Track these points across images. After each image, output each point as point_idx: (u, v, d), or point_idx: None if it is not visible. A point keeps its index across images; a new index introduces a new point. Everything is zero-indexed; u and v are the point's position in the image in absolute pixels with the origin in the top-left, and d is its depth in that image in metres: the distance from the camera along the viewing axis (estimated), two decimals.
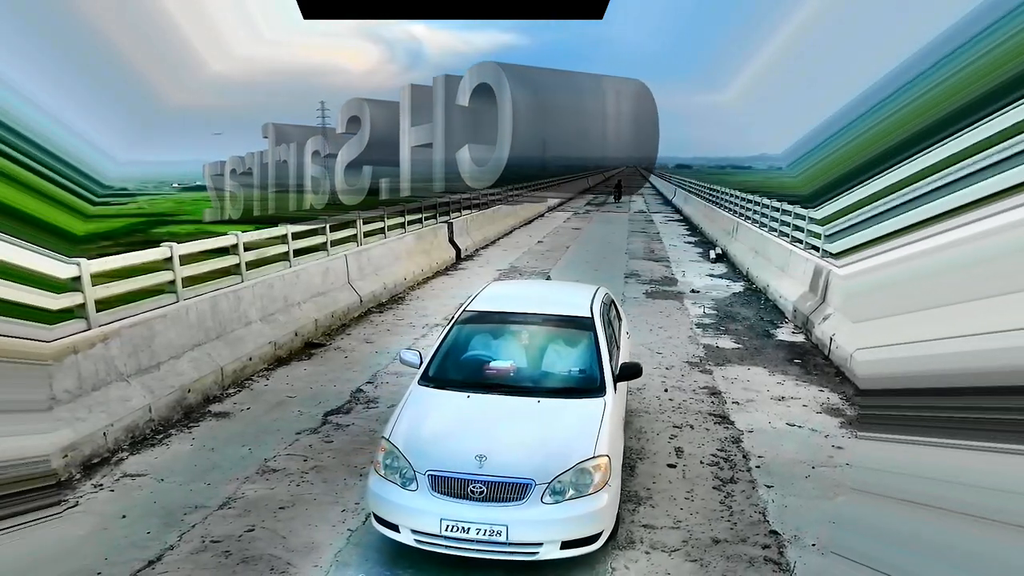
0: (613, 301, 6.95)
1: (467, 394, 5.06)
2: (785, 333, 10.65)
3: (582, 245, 22.35)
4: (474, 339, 5.74)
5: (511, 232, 26.73)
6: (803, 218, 12.74)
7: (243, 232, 9.50)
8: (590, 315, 5.77)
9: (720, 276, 16.05)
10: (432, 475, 4.37)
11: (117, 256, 7.31)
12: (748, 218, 18.45)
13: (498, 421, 4.77)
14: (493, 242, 23.44)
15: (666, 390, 7.98)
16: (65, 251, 6.12)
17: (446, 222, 19.42)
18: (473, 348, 5.68)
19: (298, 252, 10.90)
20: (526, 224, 30.18)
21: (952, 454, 2.64)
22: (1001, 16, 2.39)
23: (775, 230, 15.02)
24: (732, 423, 6.99)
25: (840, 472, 5.85)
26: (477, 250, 21.04)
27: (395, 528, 4.46)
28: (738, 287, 14.60)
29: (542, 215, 34.87)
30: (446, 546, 4.29)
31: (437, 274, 16.75)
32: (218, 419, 7.31)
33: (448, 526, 4.22)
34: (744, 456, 6.20)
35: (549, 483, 4.26)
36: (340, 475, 5.96)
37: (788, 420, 7.03)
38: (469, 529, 4.20)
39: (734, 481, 5.74)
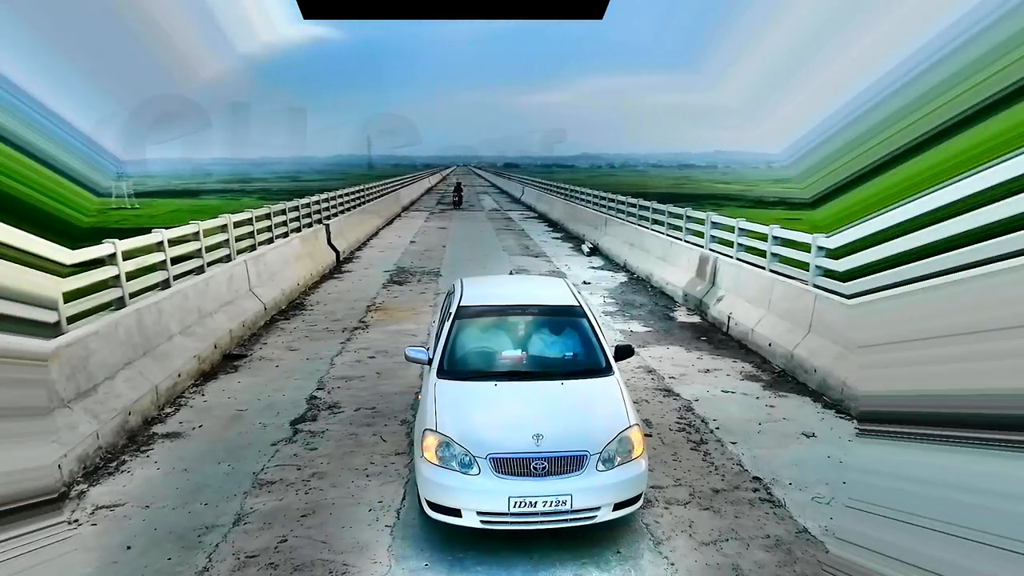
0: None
1: (493, 383, 5.39)
2: (682, 315, 11.95)
3: (457, 244, 22.78)
4: (477, 333, 6.04)
5: (378, 233, 26.52)
6: (680, 217, 14.28)
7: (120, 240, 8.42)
8: (579, 304, 6.33)
9: (601, 268, 17.35)
10: (494, 458, 4.67)
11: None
12: (615, 214, 20.07)
13: (535, 403, 5.16)
14: (365, 243, 23.18)
15: None
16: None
17: (320, 222, 18.83)
18: (478, 341, 5.99)
19: (176, 260, 9.80)
20: (389, 224, 30.04)
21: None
22: None
23: (658, 228, 16.55)
24: (678, 395, 7.91)
25: (783, 425, 6.94)
26: (353, 252, 20.73)
27: (456, 513, 4.70)
28: (622, 277, 15.93)
29: (399, 215, 34.84)
30: (514, 522, 4.63)
31: (324, 278, 16.39)
32: (171, 440, 6.90)
33: (516, 503, 4.56)
34: (703, 421, 7.11)
35: (600, 453, 4.75)
36: (346, 478, 5.98)
37: (722, 388, 8.10)
38: (536, 503, 4.57)
39: (704, 442, 6.61)
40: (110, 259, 8.09)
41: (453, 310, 6.22)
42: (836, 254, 7.37)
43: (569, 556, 4.75)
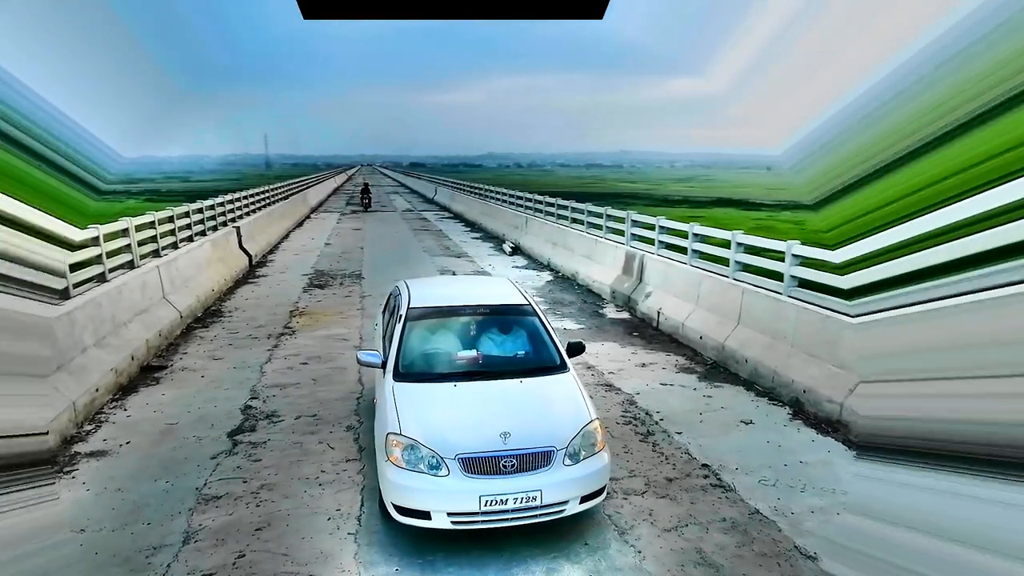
0: None
1: (452, 383, 5.37)
2: (612, 311, 12.29)
3: (375, 245, 22.36)
4: (430, 334, 5.99)
5: (289, 235, 25.62)
6: (600, 215, 14.70)
7: None
8: (528, 302, 6.40)
9: (525, 267, 17.54)
10: (462, 458, 4.66)
11: None
12: (534, 213, 20.37)
13: (497, 402, 5.18)
14: (277, 246, 22.34)
15: None
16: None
17: (226, 224, 17.80)
18: (432, 343, 5.94)
19: (74, 266, 9.06)
20: (299, 226, 29.10)
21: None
22: None
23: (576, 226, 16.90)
24: (619, 389, 8.14)
25: (721, 414, 7.31)
26: (266, 256, 19.93)
27: (425, 516, 4.65)
28: (547, 276, 16.17)
29: (308, 217, 33.81)
30: (485, 521, 4.63)
31: (239, 283, 15.69)
32: (97, 459, 6.42)
33: (487, 501, 4.57)
34: (647, 413, 7.36)
35: (566, 448, 4.84)
36: (297, 488, 5.78)
37: (660, 381, 8.41)
38: (507, 500, 4.59)
39: (652, 433, 6.85)
40: None
41: (403, 312, 6.13)
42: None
43: (539, 551, 4.80)
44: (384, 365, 5.68)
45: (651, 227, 12.40)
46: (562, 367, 5.73)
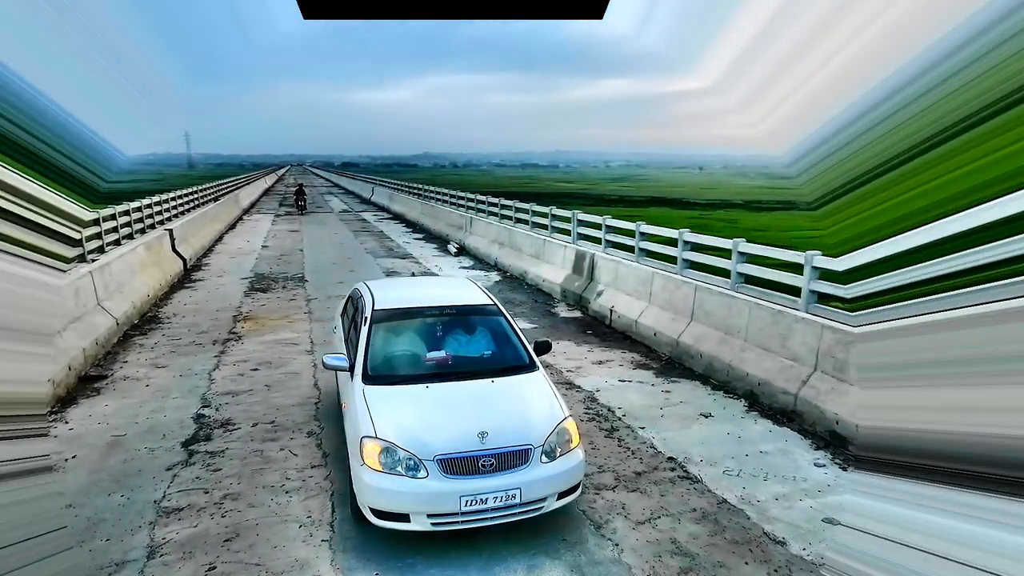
0: None
1: (424, 385, 5.33)
2: (564, 310, 12.43)
3: (315, 248, 21.84)
4: (397, 336, 5.93)
5: (222, 238, 24.76)
6: (544, 214, 14.86)
7: None
8: (493, 302, 6.42)
9: (472, 267, 17.52)
10: (441, 459, 4.64)
11: None
12: (476, 214, 20.38)
13: (471, 402, 5.17)
14: (211, 249, 21.56)
15: None
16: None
17: (154, 227, 16.90)
18: (400, 344, 5.88)
19: None
20: (232, 229, 28.15)
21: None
22: None
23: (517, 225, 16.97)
24: (580, 387, 8.26)
25: (681, 408, 7.52)
26: (200, 259, 19.20)
27: (403, 518, 4.61)
28: (495, 276, 16.20)
29: (241, 219, 32.77)
30: (465, 521, 4.63)
31: (174, 288, 15.07)
32: (40, 475, 6.04)
33: (468, 501, 4.57)
34: (609, 409, 7.50)
35: (542, 445, 4.89)
36: (263, 497, 5.61)
37: (619, 378, 8.57)
38: (487, 499, 4.61)
39: (616, 429, 6.98)
40: None
41: (368, 314, 6.05)
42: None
43: (519, 549, 4.84)
44: (352, 368, 5.59)
45: (598, 226, 12.62)
46: (531, 366, 5.77)
